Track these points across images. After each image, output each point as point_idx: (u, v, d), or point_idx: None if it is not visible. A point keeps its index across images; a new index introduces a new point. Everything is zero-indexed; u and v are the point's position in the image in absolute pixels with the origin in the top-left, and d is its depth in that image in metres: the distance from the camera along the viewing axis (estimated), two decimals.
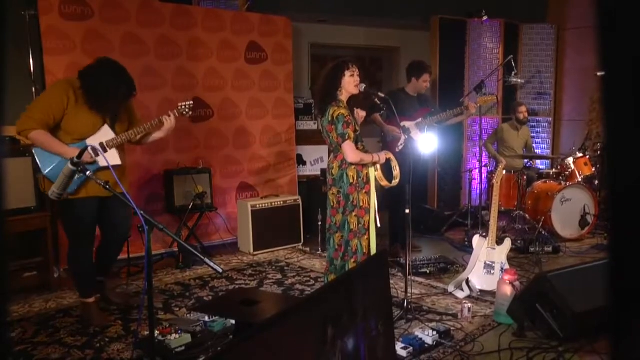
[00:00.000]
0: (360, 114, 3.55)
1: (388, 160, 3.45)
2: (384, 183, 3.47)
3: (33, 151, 3.27)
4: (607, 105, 0.64)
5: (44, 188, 3.30)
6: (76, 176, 3.01)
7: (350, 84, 3.30)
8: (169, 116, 3.46)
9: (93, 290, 3.52)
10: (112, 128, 3.35)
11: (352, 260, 3.34)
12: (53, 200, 2.99)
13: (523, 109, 6.06)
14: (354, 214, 3.31)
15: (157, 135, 3.57)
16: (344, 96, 3.33)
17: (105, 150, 3.27)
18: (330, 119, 3.27)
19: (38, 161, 3.22)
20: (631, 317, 0.65)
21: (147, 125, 3.42)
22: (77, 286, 3.56)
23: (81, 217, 3.29)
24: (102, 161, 3.23)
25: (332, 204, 3.38)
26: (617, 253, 0.67)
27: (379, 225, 3.44)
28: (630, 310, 0.65)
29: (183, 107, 3.54)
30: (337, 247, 3.38)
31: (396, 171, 3.44)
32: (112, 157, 3.28)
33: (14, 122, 4.33)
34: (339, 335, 1.50)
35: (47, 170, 3.21)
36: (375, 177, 3.41)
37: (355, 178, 3.30)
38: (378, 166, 3.42)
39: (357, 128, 3.35)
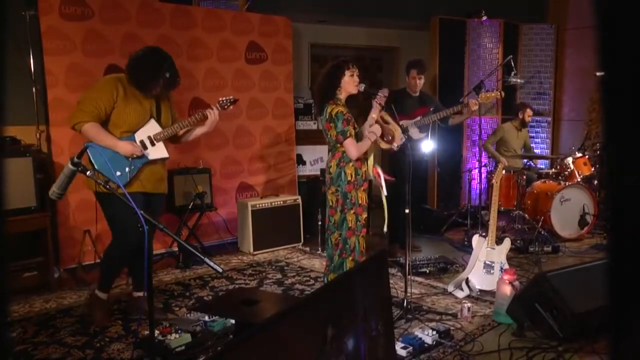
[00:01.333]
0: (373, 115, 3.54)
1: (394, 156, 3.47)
2: (388, 146, 3.47)
3: (87, 149, 3.16)
4: (606, 105, 0.65)
5: (95, 185, 3.14)
6: (127, 168, 3.13)
7: (350, 84, 3.31)
8: (212, 110, 3.46)
9: (110, 287, 3.51)
10: (158, 122, 3.38)
11: (350, 258, 3.35)
12: (54, 200, 2.99)
13: (530, 112, 6.04)
14: (352, 211, 3.32)
15: (199, 130, 3.55)
16: (342, 95, 3.35)
17: (153, 144, 3.33)
18: (328, 117, 3.28)
19: (91, 157, 3.18)
20: (631, 317, 0.65)
21: (191, 118, 3.45)
22: (100, 277, 3.51)
23: (122, 211, 3.12)
24: (151, 154, 3.31)
25: (330, 203, 3.39)
26: (616, 253, 0.67)
27: (385, 193, 3.44)
28: (630, 310, 0.65)
29: (224, 101, 3.51)
30: (334, 245, 3.38)
31: (397, 132, 3.45)
32: (160, 150, 3.36)
33: (15, 122, 4.36)
34: (339, 335, 1.50)
35: (99, 165, 3.15)
36: (380, 145, 3.41)
37: (354, 176, 3.31)
38: (378, 137, 3.40)
39: (357, 126, 3.35)
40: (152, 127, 3.35)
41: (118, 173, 3.18)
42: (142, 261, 3.45)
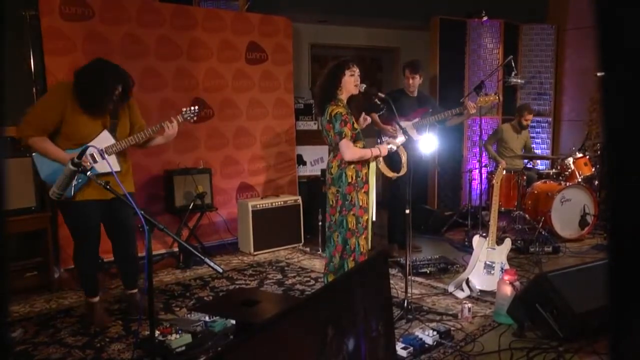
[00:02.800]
0: (368, 119, 3.55)
1: (394, 153, 3.46)
2: (390, 174, 3.47)
3: (33, 156, 3.26)
4: (606, 106, 0.65)
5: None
6: (74, 181, 3.00)
7: (350, 83, 3.30)
8: (171, 122, 3.38)
9: (96, 290, 3.52)
10: (113, 133, 3.29)
11: (351, 259, 3.34)
12: (54, 200, 3.01)
13: (529, 116, 6.00)
14: (352, 212, 3.31)
15: (158, 140, 3.51)
16: (343, 95, 3.33)
17: (103, 157, 3.22)
18: (328, 118, 3.27)
19: (37, 166, 3.23)
20: (631, 317, 0.65)
21: (147, 131, 3.36)
22: (82, 285, 3.60)
23: (81, 218, 3.29)
24: (99, 167, 3.20)
25: (331, 202, 3.39)
26: (616, 253, 0.67)
27: (374, 219, 3.45)
28: (630, 310, 0.65)
29: (187, 111, 3.44)
30: (336, 245, 3.38)
31: (404, 157, 3.44)
32: (111, 164, 3.21)
33: (15, 123, 4.35)
34: (339, 336, 1.50)
35: (45, 175, 3.24)
36: (380, 169, 3.42)
37: (354, 178, 3.30)
38: (381, 159, 3.43)
39: (356, 127, 3.34)
40: (104, 139, 3.24)
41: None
42: (126, 262, 3.55)
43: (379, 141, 4.99)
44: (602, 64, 0.62)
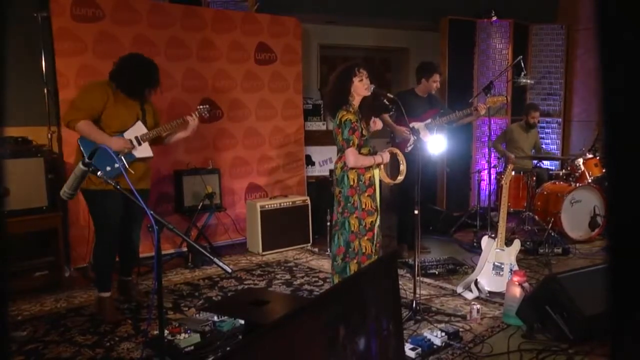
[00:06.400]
0: (377, 124, 3.53)
1: (395, 157, 3.45)
2: (387, 180, 3.49)
3: (78, 141, 3.45)
4: (606, 106, 0.64)
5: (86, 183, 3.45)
6: (114, 165, 3.30)
7: (360, 88, 3.30)
8: (191, 116, 3.74)
9: (109, 284, 3.59)
10: (145, 123, 3.62)
11: (354, 261, 3.33)
12: (65, 200, 3.04)
13: (537, 114, 6.00)
14: (354, 215, 3.31)
15: (181, 134, 3.83)
16: (355, 100, 3.34)
17: (140, 144, 3.55)
18: (338, 122, 3.29)
19: (82, 149, 3.39)
20: (631, 318, 0.64)
21: (173, 122, 3.71)
22: (96, 279, 3.68)
23: (109, 207, 3.47)
24: (138, 153, 3.53)
25: (338, 201, 3.39)
26: (615, 254, 0.67)
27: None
28: (630, 311, 0.64)
29: (201, 109, 3.89)
30: (340, 245, 3.38)
31: (402, 166, 3.44)
32: (146, 150, 3.60)
33: (26, 123, 4.40)
34: (350, 335, 1.51)
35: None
36: (379, 175, 3.42)
37: (356, 181, 3.30)
38: (382, 165, 3.43)
39: (365, 134, 3.34)
40: (139, 128, 3.58)
41: (108, 168, 3.32)
42: (130, 251, 3.80)
43: (390, 145, 4.99)
44: (602, 63, 0.61)
